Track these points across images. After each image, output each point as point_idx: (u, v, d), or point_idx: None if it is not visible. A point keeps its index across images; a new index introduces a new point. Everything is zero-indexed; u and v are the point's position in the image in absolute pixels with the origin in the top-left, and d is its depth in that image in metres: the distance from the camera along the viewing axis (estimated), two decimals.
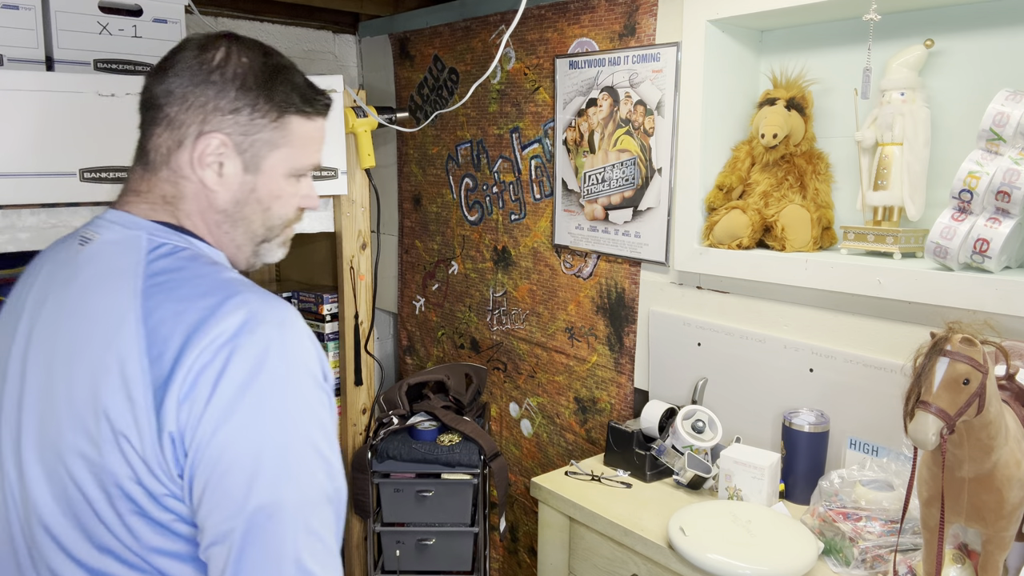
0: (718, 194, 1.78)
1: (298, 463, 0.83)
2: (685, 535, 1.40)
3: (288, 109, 0.95)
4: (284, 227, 1.03)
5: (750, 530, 1.41)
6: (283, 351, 0.84)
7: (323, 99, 1.00)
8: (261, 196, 0.97)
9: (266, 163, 0.96)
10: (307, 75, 1.02)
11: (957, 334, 1.06)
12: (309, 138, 0.99)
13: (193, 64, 0.93)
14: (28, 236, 1.51)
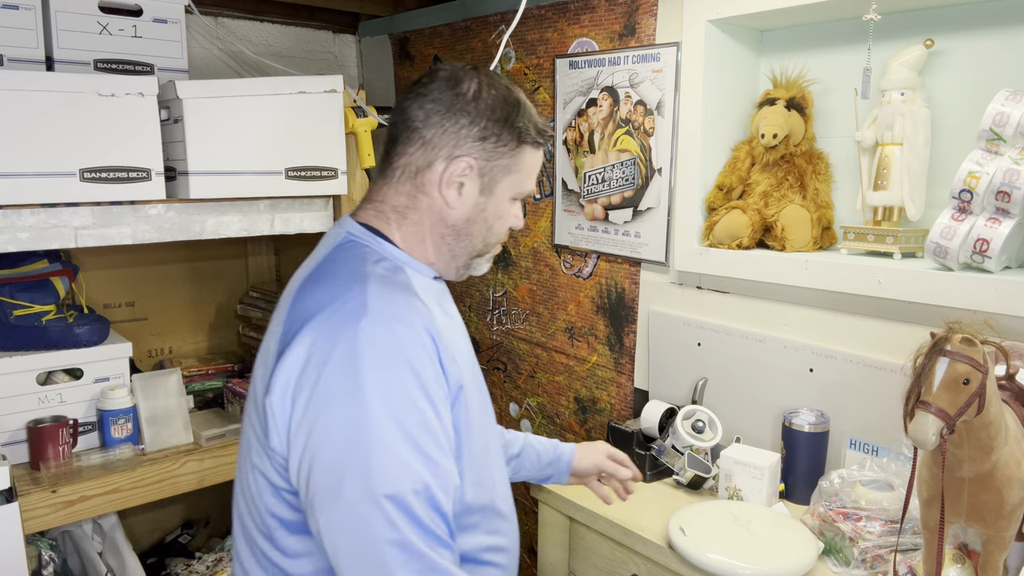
0: (718, 194, 1.77)
1: (379, 454, 0.86)
2: (685, 535, 1.40)
3: (525, 139, 1.06)
4: (496, 244, 1.12)
5: (750, 530, 1.41)
6: (380, 343, 0.89)
7: (550, 132, 1.12)
8: (488, 216, 1.07)
9: (499, 187, 1.06)
10: (306, 75, 1.03)
11: (957, 334, 1.06)
12: (533, 167, 1.09)
13: (449, 94, 1.03)
14: (28, 236, 1.51)
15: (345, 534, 0.86)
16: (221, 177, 1.65)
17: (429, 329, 0.94)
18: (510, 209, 1.09)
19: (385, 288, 0.96)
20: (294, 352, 0.91)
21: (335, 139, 1.80)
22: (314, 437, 0.88)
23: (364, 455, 0.85)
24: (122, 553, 1.85)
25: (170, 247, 2.21)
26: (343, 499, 0.85)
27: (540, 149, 1.09)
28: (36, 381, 1.68)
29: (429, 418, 0.90)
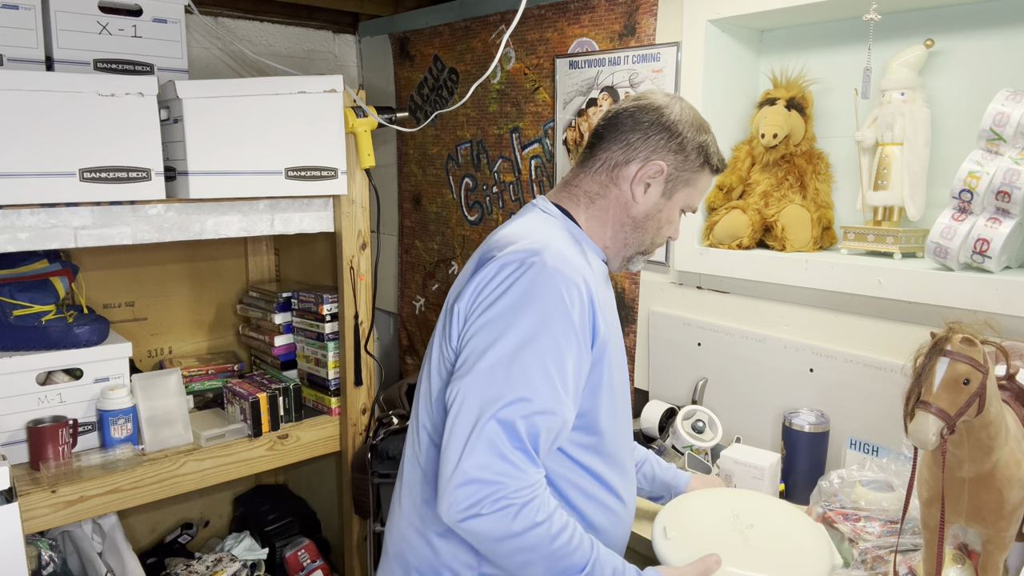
0: (718, 194, 1.77)
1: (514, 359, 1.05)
2: (667, 537, 1.25)
3: (711, 160, 1.24)
4: (657, 246, 1.28)
5: (747, 536, 1.26)
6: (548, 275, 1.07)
7: (722, 164, 1.28)
8: (662, 217, 1.24)
9: (677, 195, 1.24)
10: (306, 75, 1.02)
11: (957, 334, 1.06)
12: (705, 188, 1.27)
13: (655, 112, 1.22)
14: (28, 236, 1.51)
15: (465, 407, 1.05)
16: (221, 177, 1.65)
17: (588, 280, 1.11)
18: (676, 218, 1.26)
19: (564, 240, 1.16)
20: (485, 269, 1.12)
21: (335, 139, 1.80)
22: (472, 332, 1.09)
23: (502, 359, 1.05)
24: (122, 553, 1.85)
25: (170, 247, 2.21)
26: (471, 379, 1.06)
27: (715, 176, 1.28)
28: (36, 381, 1.68)
29: (563, 350, 1.06)
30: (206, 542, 2.42)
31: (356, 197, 1.91)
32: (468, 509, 1.02)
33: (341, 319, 1.99)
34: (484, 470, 1.01)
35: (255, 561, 2.16)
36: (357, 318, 1.98)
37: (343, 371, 2.01)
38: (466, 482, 1.02)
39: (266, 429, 1.91)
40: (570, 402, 1.08)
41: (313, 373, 2.09)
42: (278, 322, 2.16)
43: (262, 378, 2.04)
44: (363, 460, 2.03)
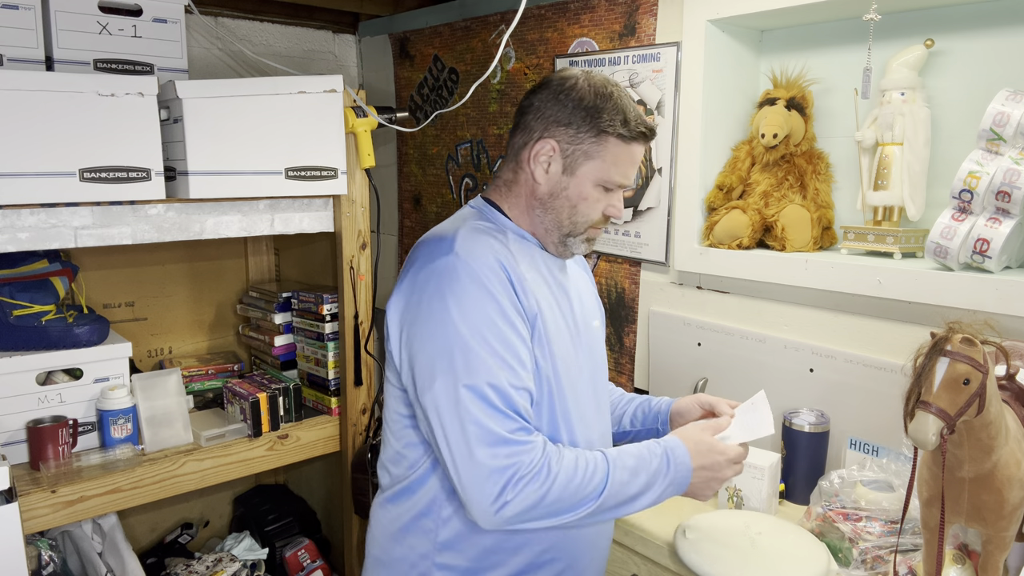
0: (718, 194, 1.77)
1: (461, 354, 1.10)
2: (686, 537, 1.40)
3: (607, 129, 1.17)
4: (588, 227, 1.24)
5: (756, 542, 1.40)
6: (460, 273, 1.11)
7: (641, 128, 1.20)
8: (570, 195, 1.21)
9: (580, 170, 1.20)
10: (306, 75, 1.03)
11: (957, 334, 1.06)
12: (620, 158, 1.20)
13: (555, 87, 1.21)
14: (28, 236, 1.51)
15: (443, 412, 1.09)
16: (221, 177, 1.65)
17: (501, 261, 1.14)
18: (593, 194, 1.21)
19: (470, 233, 1.17)
20: (402, 284, 1.18)
21: (335, 139, 1.80)
22: (414, 345, 1.14)
23: (449, 354, 1.09)
24: (122, 553, 1.85)
25: (170, 247, 2.21)
26: (435, 387, 1.10)
27: (632, 143, 1.20)
28: (36, 381, 1.68)
29: (505, 331, 1.11)
30: (206, 542, 2.42)
31: (356, 197, 1.91)
32: (496, 502, 1.06)
33: (341, 319, 1.99)
34: (494, 459, 1.06)
35: (255, 561, 2.16)
36: (357, 318, 1.98)
37: (343, 371, 2.01)
38: (481, 480, 1.06)
39: (266, 429, 1.90)
40: (524, 371, 1.13)
41: (313, 373, 2.09)
42: (278, 322, 2.16)
43: (262, 378, 2.04)
44: (363, 460, 2.03)
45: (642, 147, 1.23)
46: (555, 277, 1.26)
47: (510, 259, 1.16)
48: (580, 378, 1.25)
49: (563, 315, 1.24)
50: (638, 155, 1.23)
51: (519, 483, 1.06)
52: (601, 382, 1.35)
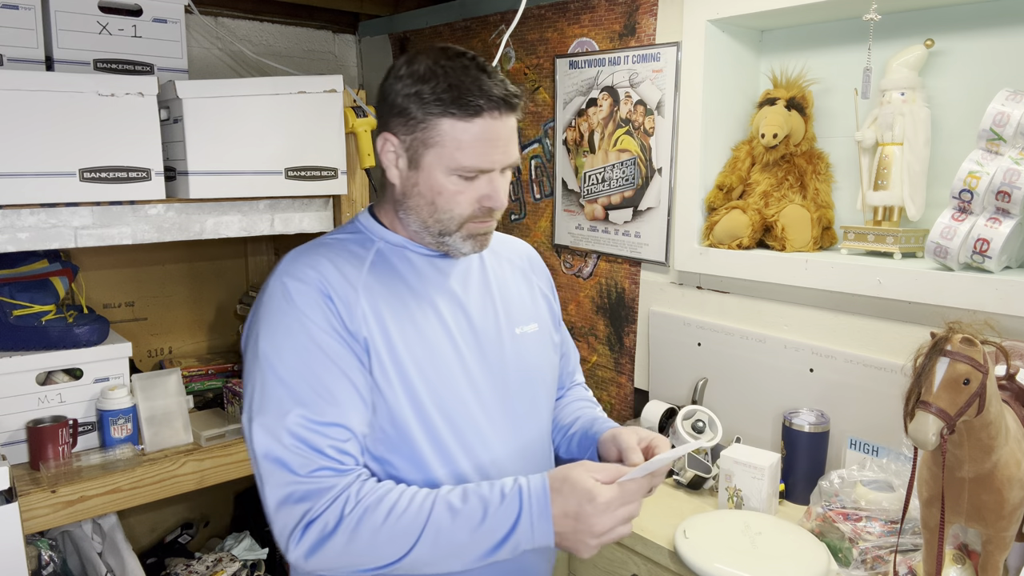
0: (718, 194, 1.77)
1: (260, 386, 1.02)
2: (686, 538, 1.40)
3: (434, 111, 1.02)
4: (461, 222, 1.08)
5: (756, 542, 1.41)
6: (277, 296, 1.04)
7: (476, 101, 1.01)
8: (423, 191, 1.07)
9: (424, 161, 1.05)
10: (306, 75, 1.02)
11: (957, 334, 1.06)
12: (461, 139, 1.02)
13: (390, 74, 1.08)
14: (28, 236, 1.51)
15: (249, 448, 1.01)
16: (221, 177, 1.65)
17: (325, 280, 1.03)
18: (449, 185, 1.05)
19: (307, 250, 1.09)
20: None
21: (335, 139, 1.80)
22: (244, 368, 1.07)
23: (252, 388, 1.02)
24: (122, 553, 1.85)
25: (170, 247, 2.21)
26: (243, 420, 1.03)
27: (473, 120, 1.02)
28: (36, 381, 1.68)
29: (314, 361, 1.00)
30: (206, 542, 2.41)
31: (356, 197, 1.91)
32: (289, 543, 0.97)
33: None
34: (284, 502, 0.97)
35: (255, 561, 2.16)
36: None
37: None
38: (276, 519, 0.98)
39: None
40: (333, 407, 1.00)
41: None
42: None
43: None
44: None
45: (497, 121, 1.03)
46: (442, 286, 1.12)
47: (341, 277, 1.05)
48: (470, 397, 1.10)
49: (444, 328, 1.10)
50: (495, 131, 1.03)
51: (309, 527, 0.95)
52: (523, 394, 1.17)
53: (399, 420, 1.05)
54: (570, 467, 0.98)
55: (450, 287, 1.14)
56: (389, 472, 1.06)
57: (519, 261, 1.28)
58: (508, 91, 1.03)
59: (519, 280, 1.25)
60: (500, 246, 1.27)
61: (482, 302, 1.16)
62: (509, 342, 1.16)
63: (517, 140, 1.09)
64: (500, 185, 1.07)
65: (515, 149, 1.08)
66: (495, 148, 1.04)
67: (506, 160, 1.06)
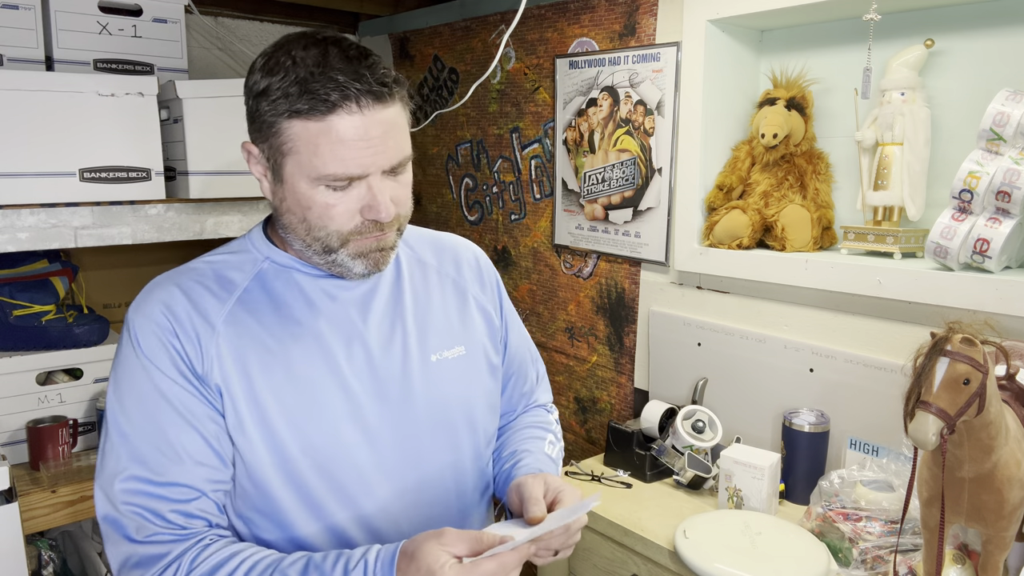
0: (718, 194, 1.77)
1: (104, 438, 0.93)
2: (686, 538, 1.40)
3: (279, 111, 0.86)
4: (342, 239, 0.92)
5: (755, 542, 1.41)
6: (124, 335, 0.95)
7: (327, 95, 0.84)
8: (291, 206, 0.92)
9: (284, 172, 0.90)
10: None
11: (957, 334, 1.06)
12: (317, 143, 0.86)
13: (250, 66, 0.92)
14: (28, 236, 1.51)
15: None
16: (221, 177, 1.65)
17: (168, 323, 0.91)
18: (318, 197, 0.89)
19: (157, 284, 0.98)
20: None
21: None
22: None
23: (100, 440, 0.93)
24: None
25: (170, 247, 2.21)
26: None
27: (328, 117, 0.85)
28: (36, 381, 1.68)
29: (158, 412, 0.89)
30: None
31: None
32: None
33: None
34: (118, 567, 0.89)
35: None
36: None
37: None
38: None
39: None
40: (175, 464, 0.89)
41: None
42: None
43: None
44: None
45: (361, 116, 0.86)
46: (334, 315, 0.98)
47: (195, 314, 0.92)
48: (355, 441, 0.96)
49: (328, 364, 0.96)
50: (359, 129, 0.86)
51: None
52: (433, 427, 1.02)
53: (257, 476, 0.92)
54: (426, 537, 0.82)
55: (344, 314, 0.99)
56: (253, 531, 0.95)
57: (451, 271, 1.12)
58: (375, 78, 0.86)
59: (447, 295, 1.10)
60: (431, 254, 1.12)
61: (386, 328, 1.01)
62: (419, 371, 1.01)
63: (404, 133, 0.93)
64: (383, 191, 0.91)
65: (398, 145, 0.91)
66: (363, 149, 0.87)
67: (382, 161, 0.89)
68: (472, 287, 1.13)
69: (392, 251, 0.99)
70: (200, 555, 0.87)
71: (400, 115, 0.91)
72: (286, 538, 0.95)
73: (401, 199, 0.97)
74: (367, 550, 0.85)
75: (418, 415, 1.01)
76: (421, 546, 0.81)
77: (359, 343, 0.98)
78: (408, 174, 0.98)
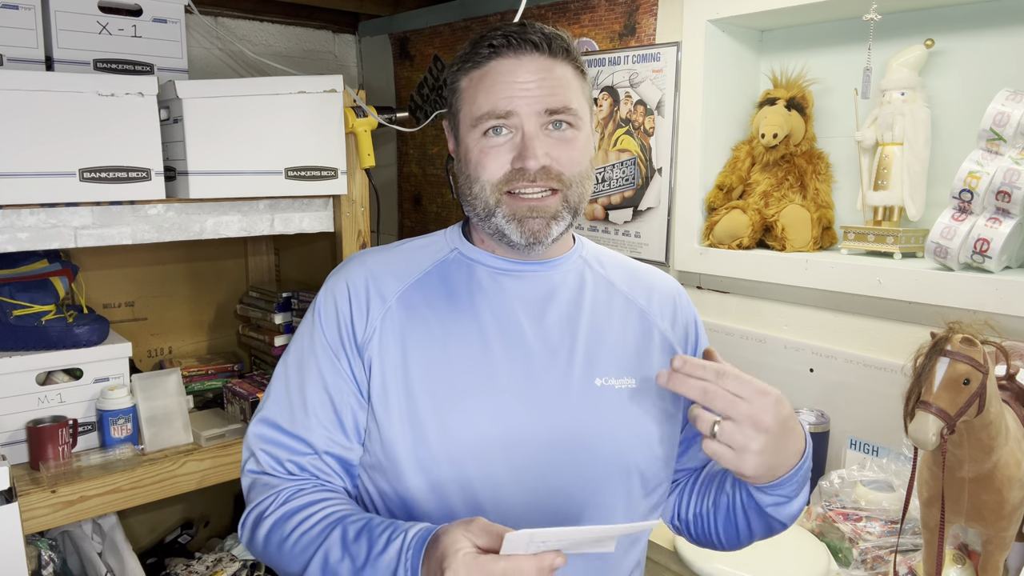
0: (718, 194, 1.77)
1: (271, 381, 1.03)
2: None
3: (456, 76, 0.95)
4: (495, 192, 0.92)
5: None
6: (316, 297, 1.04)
7: (487, 46, 0.91)
8: (462, 165, 0.96)
9: (460, 130, 0.96)
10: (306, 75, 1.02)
11: (957, 334, 1.06)
12: (476, 88, 0.92)
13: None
14: (28, 236, 1.51)
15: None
16: (221, 177, 1.65)
17: (348, 291, 0.97)
18: (475, 144, 0.93)
19: (353, 258, 1.03)
20: None
21: (335, 139, 1.80)
22: None
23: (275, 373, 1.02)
24: (122, 553, 1.85)
25: (170, 247, 2.21)
26: None
27: (482, 66, 0.92)
28: (36, 381, 1.68)
29: (306, 368, 0.97)
30: (206, 542, 2.41)
31: (356, 197, 1.91)
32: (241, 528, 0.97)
33: None
34: (248, 487, 0.98)
35: (255, 561, 2.16)
36: None
37: None
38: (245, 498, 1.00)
39: None
40: (306, 418, 0.95)
41: None
42: (278, 322, 2.15)
43: (262, 378, 2.04)
44: None
45: (515, 61, 0.90)
46: (504, 312, 0.96)
47: (373, 287, 0.97)
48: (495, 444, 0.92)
49: (485, 360, 0.94)
50: (512, 71, 0.90)
51: (247, 517, 0.96)
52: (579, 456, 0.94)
53: (393, 454, 0.93)
54: (459, 522, 0.79)
55: (514, 315, 0.96)
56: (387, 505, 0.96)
57: (641, 301, 1.03)
58: (535, 32, 0.91)
59: (629, 323, 1.01)
60: (623, 278, 1.05)
61: (554, 339, 0.96)
62: (578, 391, 0.94)
63: (569, 88, 0.92)
64: (535, 138, 0.90)
65: (557, 93, 0.90)
66: (513, 87, 0.90)
67: (534, 102, 0.89)
68: (661, 321, 1.03)
69: (555, 221, 0.93)
70: (294, 495, 0.93)
71: (566, 71, 0.93)
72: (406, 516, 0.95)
73: (562, 157, 0.92)
74: (411, 525, 0.84)
75: (564, 436, 0.93)
76: (449, 529, 0.79)
77: (521, 347, 0.95)
78: (577, 136, 0.93)
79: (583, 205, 0.96)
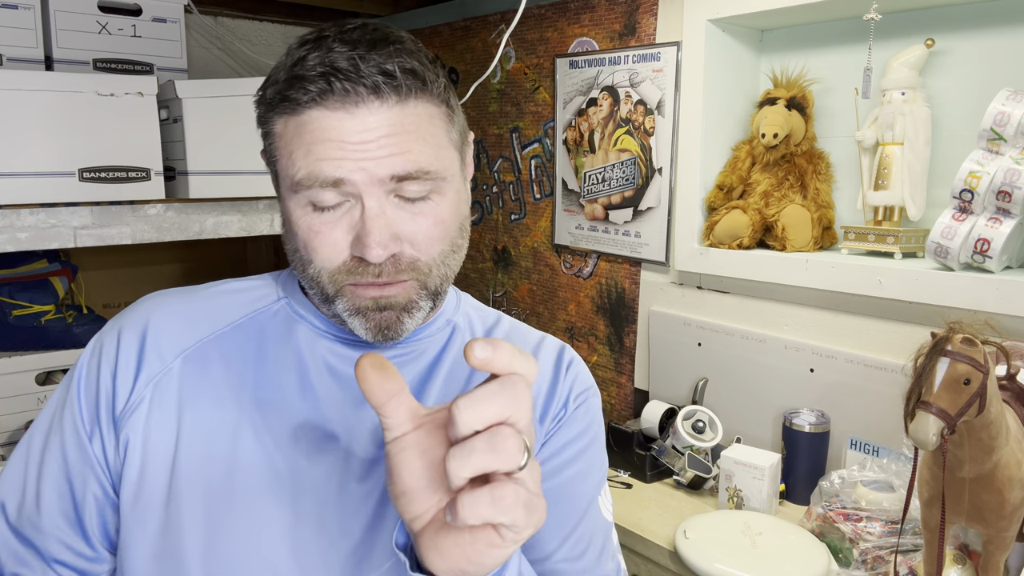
0: (718, 194, 1.77)
1: None
2: (687, 538, 1.40)
3: (267, 107, 0.69)
4: (333, 281, 0.68)
5: (756, 542, 1.41)
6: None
7: (310, 83, 0.63)
8: (285, 232, 0.72)
9: (278, 184, 0.72)
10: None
11: (958, 334, 1.06)
12: (292, 139, 0.66)
13: None
14: (27, 236, 1.51)
15: None
16: (220, 177, 1.65)
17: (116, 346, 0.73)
18: (300, 217, 0.67)
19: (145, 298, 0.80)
20: None
21: None
22: None
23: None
24: None
25: (169, 247, 2.21)
26: None
27: (300, 111, 0.65)
28: (35, 381, 1.68)
29: (49, 446, 0.73)
30: None
31: None
32: None
33: None
34: None
35: None
36: None
37: None
38: None
39: None
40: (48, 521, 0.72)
41: None
42: None
43: None
44: None
45: (348, 110, 0.63)
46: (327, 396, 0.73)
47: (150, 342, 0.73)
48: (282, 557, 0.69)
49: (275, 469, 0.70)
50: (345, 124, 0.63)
51: None
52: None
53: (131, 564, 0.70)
54: None
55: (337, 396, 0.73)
56: None
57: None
58: (372, 66, 0.63)
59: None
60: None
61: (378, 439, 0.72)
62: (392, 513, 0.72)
63: (425, 141, 0.66)
64: (378, 216, 0.65)
65: (407, 152, 0.65)
66: (343, 149, 0.63)
67: (374, 167, 0.64)
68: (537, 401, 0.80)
69: (408, 314, 0.69)
70: None
71: (421, 115, 0.66)
72: None
73: (417, 237, 0.68)
74: None
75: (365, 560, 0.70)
76: None
77: (338, 446, 0.72)
78: (440, 203, 0.68)
79: (448, 283, 0.74)
